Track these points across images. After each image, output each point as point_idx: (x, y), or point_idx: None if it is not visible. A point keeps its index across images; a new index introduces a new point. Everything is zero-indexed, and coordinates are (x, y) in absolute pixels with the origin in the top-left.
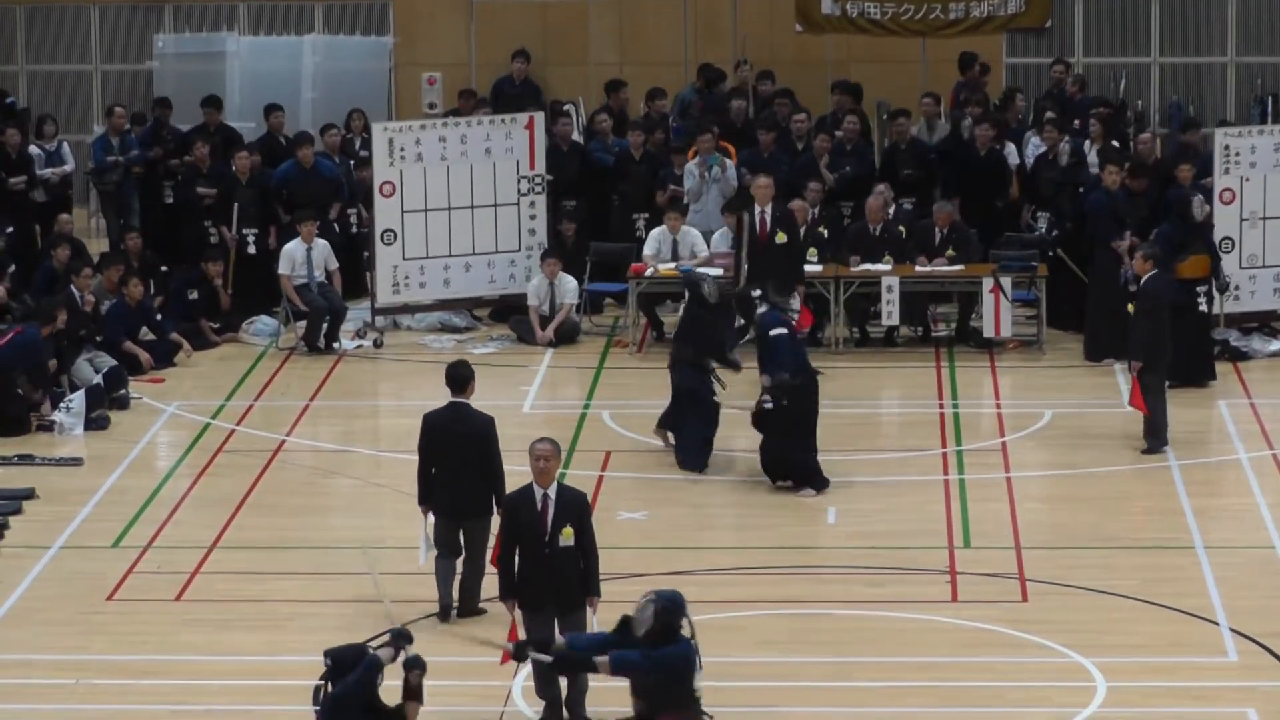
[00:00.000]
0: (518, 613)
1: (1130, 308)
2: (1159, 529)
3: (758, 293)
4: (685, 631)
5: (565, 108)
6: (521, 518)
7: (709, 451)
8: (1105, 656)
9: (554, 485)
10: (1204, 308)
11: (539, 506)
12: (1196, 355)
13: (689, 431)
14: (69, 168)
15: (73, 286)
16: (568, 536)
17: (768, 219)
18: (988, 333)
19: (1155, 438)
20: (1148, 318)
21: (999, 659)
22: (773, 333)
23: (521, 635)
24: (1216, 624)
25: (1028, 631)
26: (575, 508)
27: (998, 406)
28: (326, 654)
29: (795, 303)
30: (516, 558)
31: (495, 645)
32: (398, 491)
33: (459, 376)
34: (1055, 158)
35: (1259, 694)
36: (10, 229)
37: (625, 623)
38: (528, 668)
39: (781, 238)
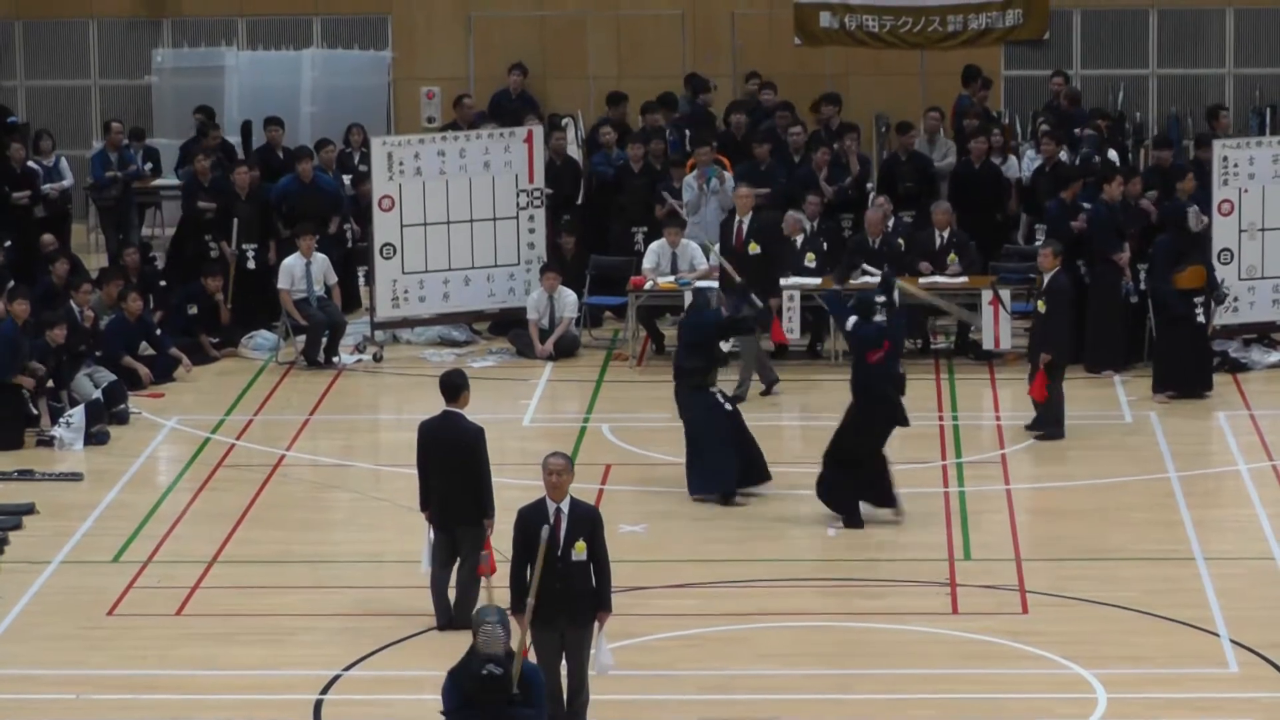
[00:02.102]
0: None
1: (1040, 305)
2: (1159, 540)
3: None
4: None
5: (563, 121)
6: (534, 532)
7: (732, 472)
8: (1106, 668)
9: (567, 500)
10: (1201, 319)
11: (551, 520)
12: (1194, 366)
13: (710, 457)
14: (68, 183)
15: (72, 302)
16: (580, 551)
17: (744, 229)
18: (987, 345)
19: (1056, 425)
20: (1057, 313)
21: (1000, 671)
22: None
23: (530, 649)
24: (1217, 635)
25: (1028, 643)
26: (588, 522)
27: (997, 418)
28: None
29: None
30: (528, 572)
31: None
32: (398, 505)
33: (451, 385)
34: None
35: (1260, 705)
36: (8, 243)
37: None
38: None
39: (754, 248)
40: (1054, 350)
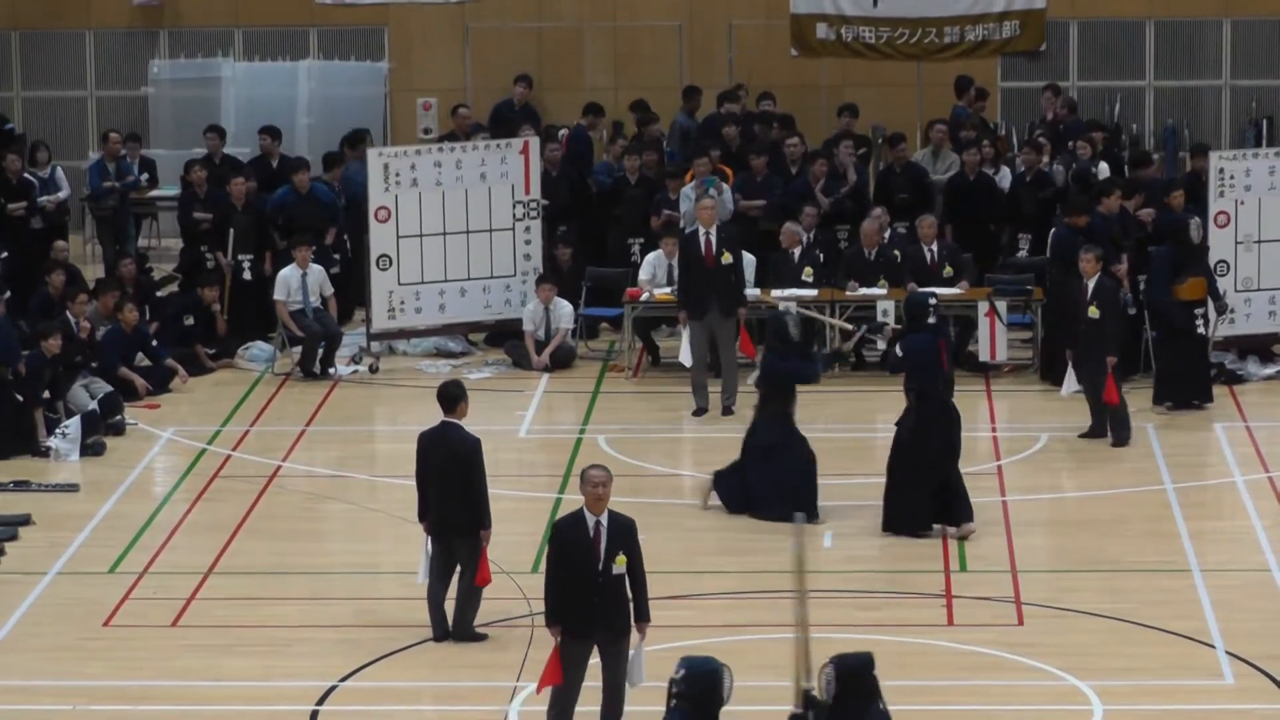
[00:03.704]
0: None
1: (1091, 310)
2: (1155, 552)
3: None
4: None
5: (560, 133)
6: (572, 545)
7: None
8: (1102, 679)
9: (606, 512)
10: (1202, 330)
11: (591, 533)
12: (1194, 378)
13: (772, 481)
14: (64, 194)
15: (68, 313)
16: (621, 564)
17: (713, 241)
18: (983, 357)
19: (1125, 428)
20: (1109, 315)
21: (995, 682)
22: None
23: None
24: (1213, 647)
25: (1024, 655)
26: (626, 534)
27: (993, 430)
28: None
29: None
30: (559, 584)
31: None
32: (393, 516)
33: (449, 396)
34: (1031, 178)
35: (1255, 716)
36: (4, 254)
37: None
38: (524, 694)
39: (727, 259)
40: (1116, 352)
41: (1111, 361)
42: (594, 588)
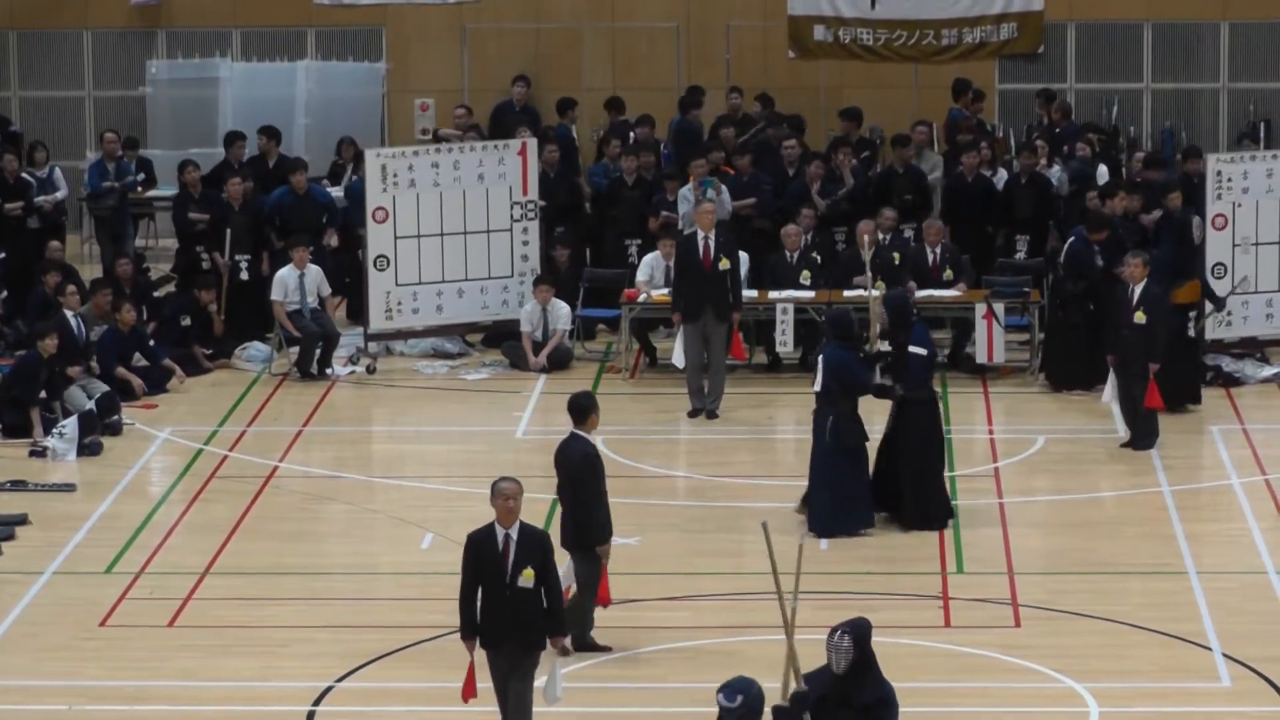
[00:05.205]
0: (479, 653)
1: (1139, 315)
2: (1152, 554)
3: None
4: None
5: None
6: (482, 557)
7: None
8: (1098, 682)
9: (516, 525)
10: (1193, 333)
11: (500, 546)
12: (1185, 380)
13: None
14: (62, 194)
15: (65, 310)
16: (528, 577)
17: (711, 245)
18: (980, 358)
19: (1152, 435)
20: (1156, 320)
21: (992, 684)
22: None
23: (479, 675)
24: (1209, 649)
25: (1021, 657)
26: (537, 548)
27: (990, 432)
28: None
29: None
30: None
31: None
32: (391, 517)
33: (578, 407)
34: (1029, 181)
35: (1252, 719)
36: (2, 255)
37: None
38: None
39: (725, 264)
40: (1161, 358)
41: (1154, 368)
42: (502, 600)
